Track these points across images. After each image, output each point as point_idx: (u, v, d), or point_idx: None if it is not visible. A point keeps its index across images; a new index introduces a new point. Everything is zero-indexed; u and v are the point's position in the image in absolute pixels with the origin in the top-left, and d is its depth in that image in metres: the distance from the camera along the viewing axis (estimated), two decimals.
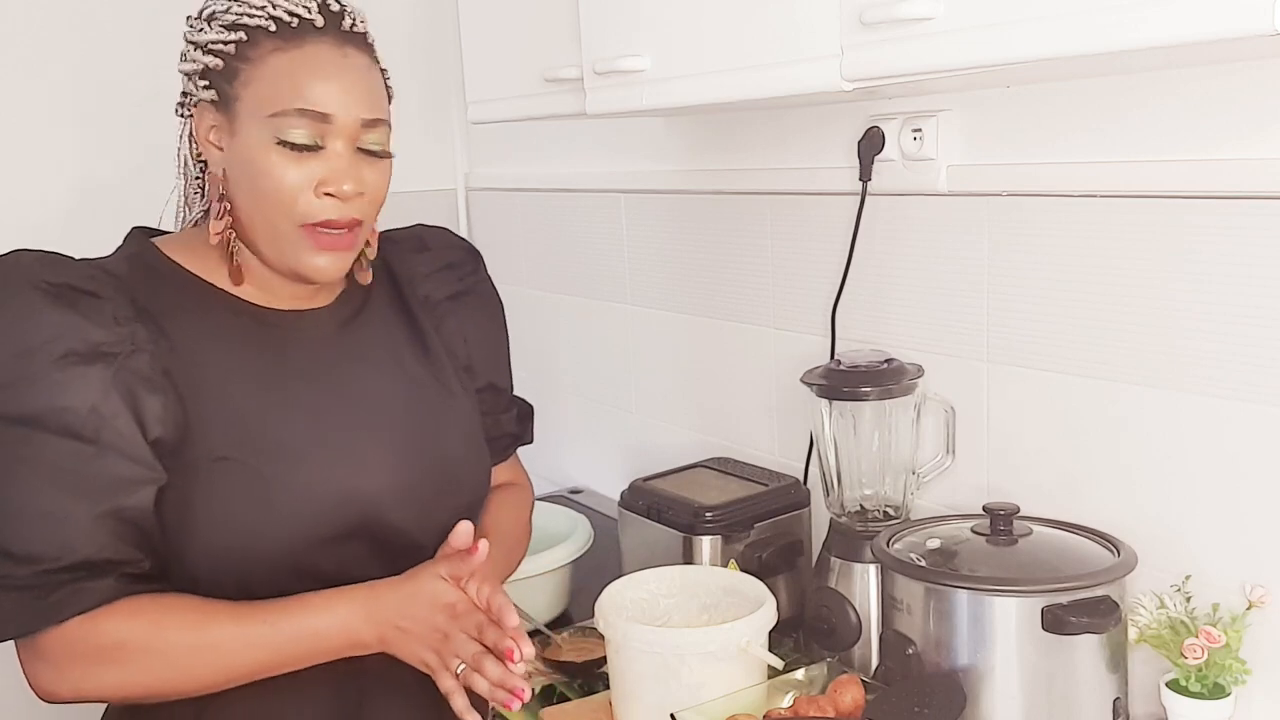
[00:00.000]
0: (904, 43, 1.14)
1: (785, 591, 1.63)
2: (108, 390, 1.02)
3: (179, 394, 1.06)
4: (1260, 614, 1.24)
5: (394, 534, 1.15)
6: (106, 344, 1.03)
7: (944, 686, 1.26)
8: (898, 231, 1.61)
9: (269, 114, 1.06)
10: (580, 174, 2.30)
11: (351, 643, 1.08)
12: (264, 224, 1.09)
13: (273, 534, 1.08)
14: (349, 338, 1.19)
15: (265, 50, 1.06)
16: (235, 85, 1.07)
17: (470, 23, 1.95)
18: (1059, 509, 1.43)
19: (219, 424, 1.07)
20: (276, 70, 1.06)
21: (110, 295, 1.06)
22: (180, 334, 1.08)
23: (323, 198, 1.08)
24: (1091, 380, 1.39)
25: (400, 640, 1.08)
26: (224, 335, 1.11)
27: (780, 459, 1.86)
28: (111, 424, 1.02)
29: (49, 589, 1.00)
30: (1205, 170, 1.25)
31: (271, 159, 1.06)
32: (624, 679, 1.38)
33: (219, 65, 1.07)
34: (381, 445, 1.16)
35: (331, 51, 1.08)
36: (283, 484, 1.08)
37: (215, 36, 1.07)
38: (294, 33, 1.07)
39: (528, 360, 2.61)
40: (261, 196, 1.07)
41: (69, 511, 1.00)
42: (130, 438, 1.03)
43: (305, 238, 1.09)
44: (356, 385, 1.17)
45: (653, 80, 1.48)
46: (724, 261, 1.95)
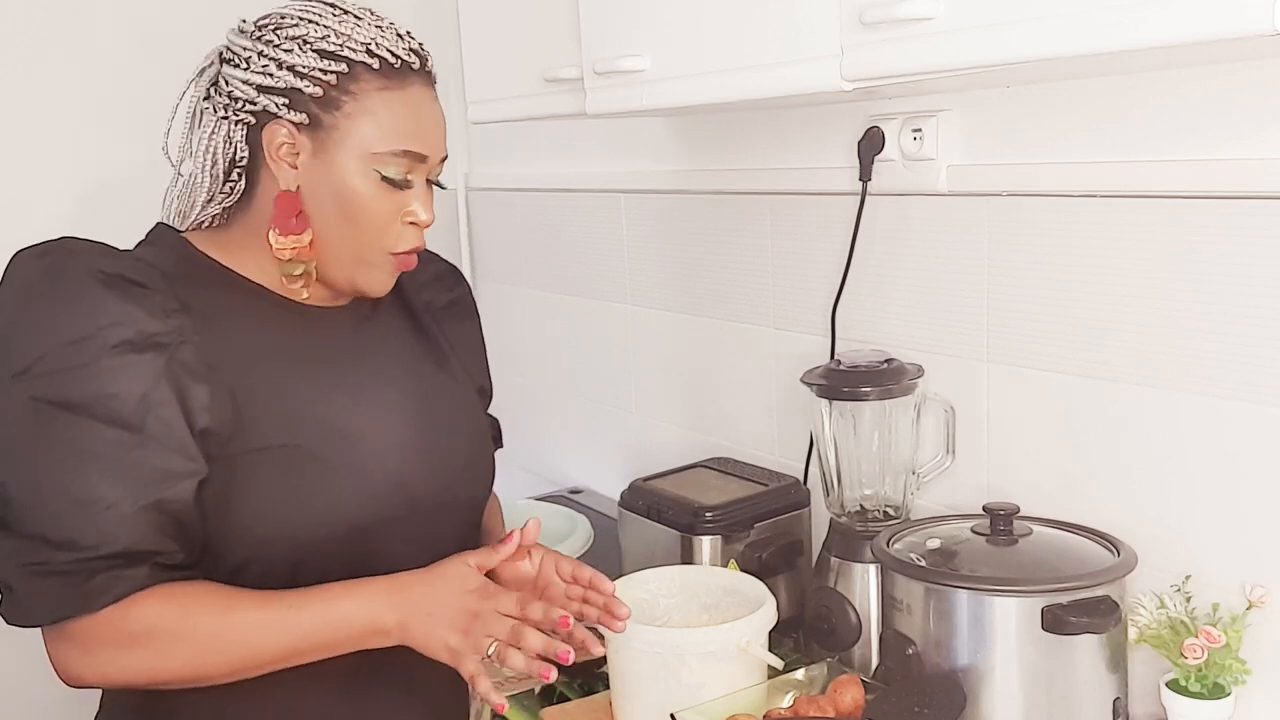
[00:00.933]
0: (904, 43, 1.14)
1: (785, 591, 1.64)
2: (158, 380, 1.04)
3: (226, 384, 1.08)
4: (1260, 614, 1.24)
5: (432, 520, 1.19)
6: (159, 334, 1.05)
7: (944, 686, 1.26)
8: (898, 231, 1.61)
9: (374, 150, 1.10)
10: (580, 174, 2.30)
11: (374, 629, 1.08)
12: (350, 248, 1.13)
13: (332, 516, 1.10)
14: (368, 335, 1.23)
15: (370, 86, 1.10)
16: (335, 115, 1.10)
17: (470, 23, 1.96)
18: (1059, 509, 1.43)
19: (271, 411, 1.10)
20: (383, 109, 1.10)
21: (158, 287, 1.07)
22: (222, 325, 1.10)
23: (407, 227, 1.14)
24: (1091, 380, 1.39)
25: (424, 626, 1.07)
26: (263, 326, 1.14)
27: (780, 459, 1.86)
28: (159, 415, 1.03)
29: (86, 576, 1.01)
30: (1205, 170, 1.25)
31: (368, 189, 1.11)
32: (624, 679, 1.38)
33: (317, 93, 1.09)
34: (411, 432, 1.19)
35: (427, 95, 1.15)
36: (342, 466, 1.12)
37: (312, 62, 1.09)
38: (396, 73, 1.11)
39: (528, 360, 2.62)
40: (353, 223, 1.12)
41: (112, 501, 1.01)
42: (177, 429, 1.04)
43: (390, 263, 1.15)
44: (384, 376, 1.21)
45: (653, 80, 1.48)
46: (724, 261, 1.95)
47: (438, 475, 1.20)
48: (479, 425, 1.31)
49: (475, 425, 1.30)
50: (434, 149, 1.15)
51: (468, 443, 1.27)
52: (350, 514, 1.12)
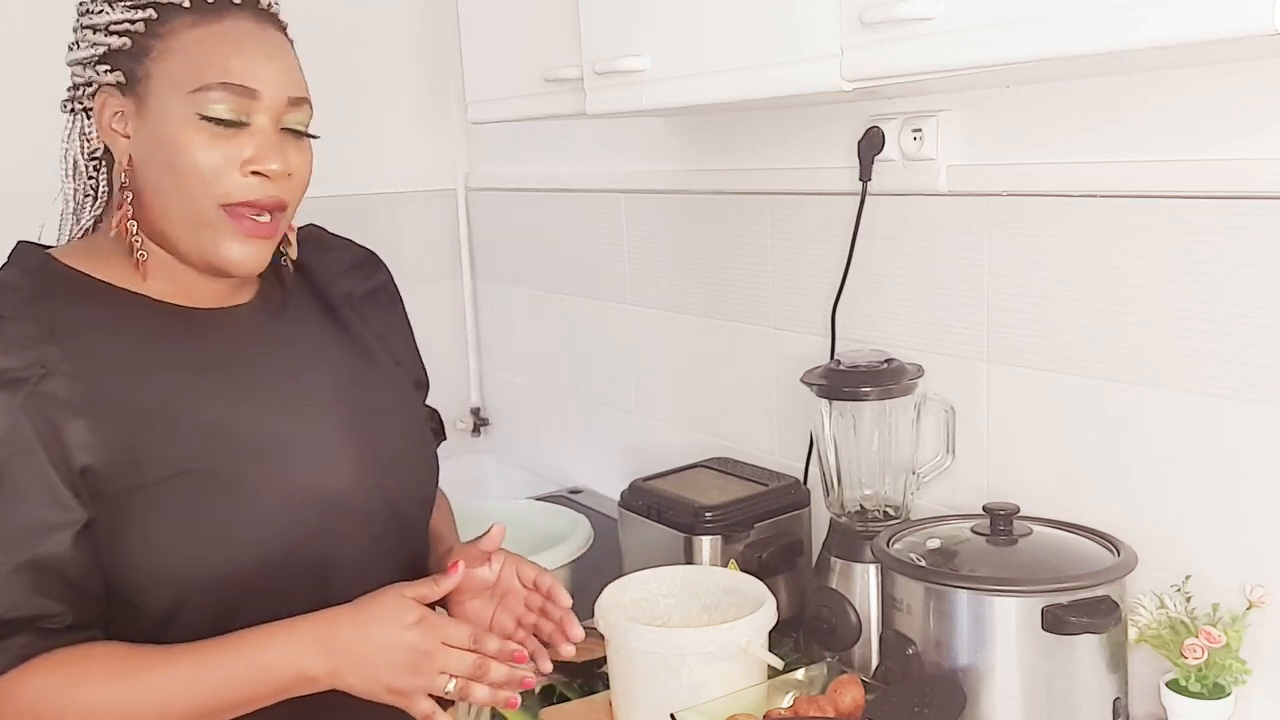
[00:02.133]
0: (904, 43, 1.14)
1: (785, 591, 1.63)
2: (16, 422, 0.93)
3: (109, 413, 0.97)
4: (1260, 614, 1.24)
5: (378, 527, 1.10)
6: (14, 369, 0.94)
7: (944, 686, 1.26)
8: (898, 231, 1.61)
9: (190, 89, 0.99)
10: (580, 174, 2.30)
11: (299, 678, 0.98)
12: (181, 208, 1.01)
13: (257, 543, 1.01)
14: (280, 332, 1.13)
15: (180, 25, 1.01)
16: (146, 63, 1.00)
17: (470, 23, 1.95)
18: (1059, 509, 1.43)
19: (168, 435, 0.99)
20: (196, 44, 1.00)
21: (13, 314, 0.96)
22: (99, 348, 0.99)
23: (248, 176, 1.02)
24: (1091, 380, 1.39)
25: (360, 670, 0.98)
26: (148, 341, 1.03)
27: (780, 459, 1.86)
28: (20, 462, 0.93)
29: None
30: (1205, 170, 1.25)
31: (192, 136, 1.00)
32: (624, 679, 1.38)
33: (126, 45, 1.00)
34: (339, 436, 1.10)
35: (253, 27, 1.03)
36: (257, 485, 1.02)
37: (120, 16, 1.01)
38: (210, 8, 1.02)
39: (528, 360, 2.62)
40: (180, 176, 1.00)
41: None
42: (43, 477, 0.93)
43: (227, 220, 1.02)
44: (298, 378, 1.11)
45: (653, 80, 1.48)
46: (724, 261, 1.95)
47: (372, 478, 1.10)
48: (415, 419, 1.22)
49: (410, 419, 1.21)
50: (268, 84, 1.01)
51: (404, 440, 1.17)
52: (279, 537, 1.02)
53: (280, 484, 1.03)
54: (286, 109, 1.04)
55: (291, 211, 1.08)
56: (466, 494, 1.41)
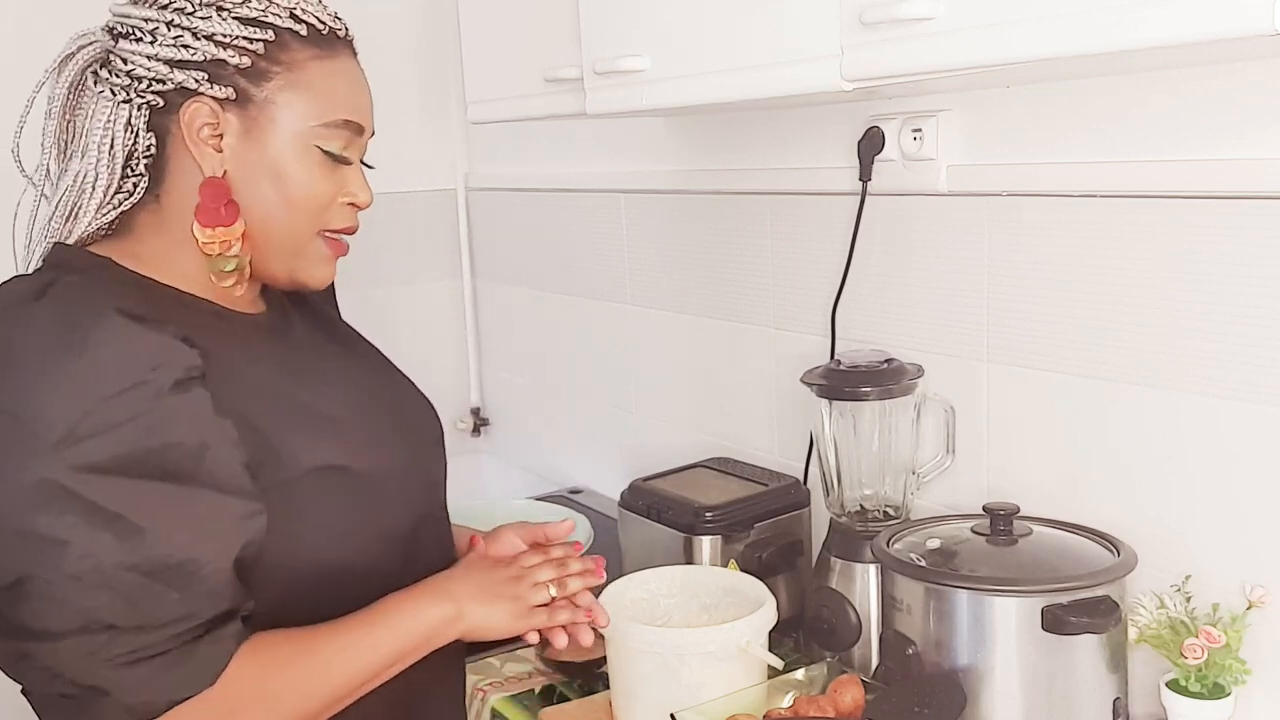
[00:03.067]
0: (904, 43, 1.14)
1: (785, 591, 1.63)
2: (210, 418, 0.94)
3: (241, 413, 0.97)
4: (1260, 614, 1.24)
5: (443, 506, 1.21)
6: (194, 366, 0.94)
7: (944, 686, 1.26)
8: (898, 231, 1.61)
9: (315, 122, 1.03)
10: (580, 174, 2.30)
11: (443, 619, 1.06)
12: (284, 231, 1.05)
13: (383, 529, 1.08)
14: (303, 336, 1.16)
15: (302, 56, 1.02)
16: (266, 87, 1.01)
17: (470, 23, 1.96)
18: (1059, 509, 1.43)
19: (290, 432, 1.01)
20: (319, 79, 1.03)
21: (155, 317, 0.94)
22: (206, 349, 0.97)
23: (346, 208, 1.08)
24: (1091, 380, 1.39)
25: (479, 605, 1.08)
26: (233, 342, 1.03)
27: (780, 459, 1.86)
28: (219, 457, 0.94)
29: (189, 649, 0.92)
30: (1205, 170, 1.25)
31: (307, 166, 1.03)
32: (624, 679, 1.38)
33: (244, 63, 1.00)
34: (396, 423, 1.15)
35: (355, 64, 1.09)
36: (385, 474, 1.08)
37: (234, 30, 1.00)
38: (325, 41, 1.04)
39: (528, 360, 2.62)
40: (294, 207, 1.04)
41: (205, 560, 0.92)
42: (236, 468, 0.95)
43: (324, 246, 1.08)
44: (350, 374, 1.16)
45: (653, 80, 1.48)
46: (724, 261, 1.95)
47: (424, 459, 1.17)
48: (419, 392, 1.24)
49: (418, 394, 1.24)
50: (369, 121, 1.09)
51: (433, 424, 1.22)
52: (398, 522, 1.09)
53: (401, 473, 1.10)
54: (367, 142, 1.11)
55: None
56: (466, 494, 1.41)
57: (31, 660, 0.90)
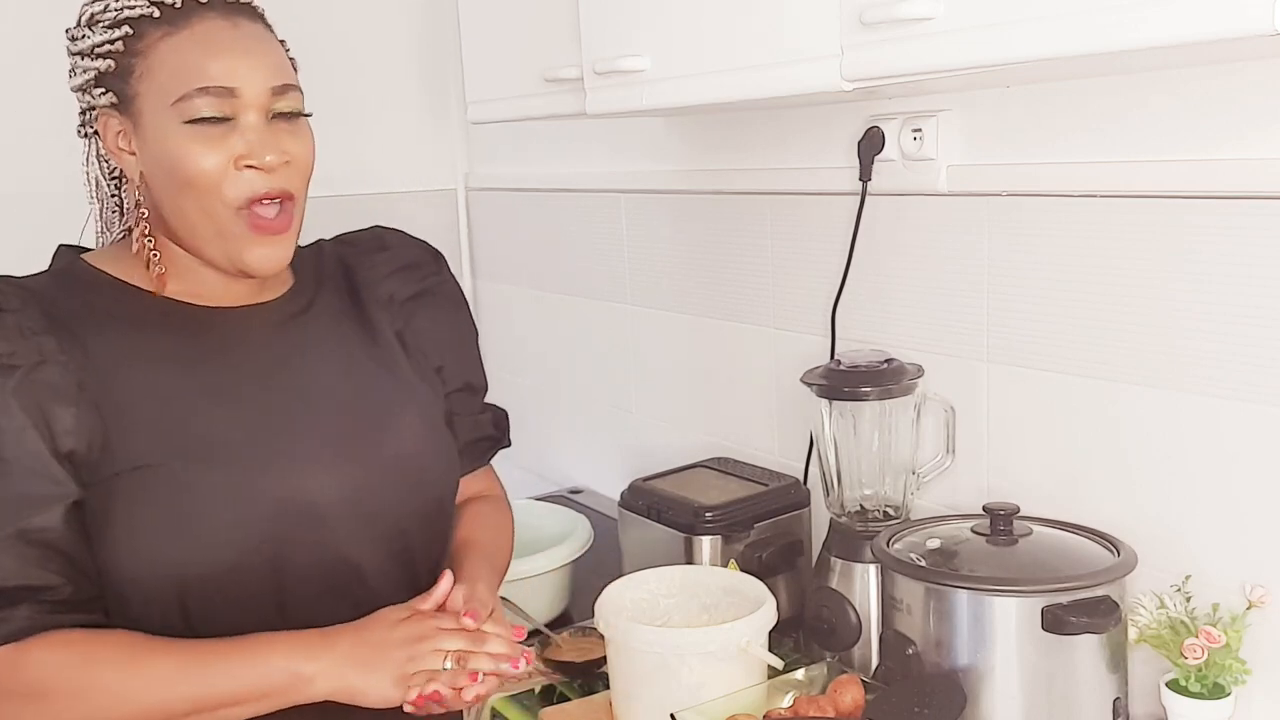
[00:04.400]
0: (904, 43, 1.14)
1: (785, 591, 1.63)
2: (7, 403, 0.97)
3: (95, 404, 1.00)
4: (1260, 614, 1.24)
5: (342, 543, 1.08)
6: (8, 355, 0.98)
7: (944, 686, 1.26)
8: (898, 231, 1.61)
9: (173, 100, 1.01)
10: (580, 174, 2.30)
11: (299, 679, 0.99)
12: (198, 215, 1.04)
13: (204, 544, 1.01)
14: (295, 333, 1.14)
15: (154, 39, 1.02)
16: (132, 82, 1.03)
17: (470, 23, 1.96)
18: (1059, 509, 1.43)
19: (140, 430, 1.01)
20: (170, 55, 1.02)
21: (16, 308, 1.01)
22: (100, 343, 1.03)
23: (244, 171, 1.03)
24: (1091, 380, 1.39)
25: (357, 667, 1.00)
26: (152, 339, 1.06)
27: (780, 459, 1.86)
28: (13, 439, 0.97)
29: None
30: (1205, 170, 1.25)
31: (185, 144, 1.02)
32: (624, 679, 1.38)
33: (111, 66, 1.03)
34: (327, 441, 1.09)
35: (222, 24, 1.04)
36: (209, 487, 1.01)
37: (100, 38, 1.03)
38: (179, 14, 1.03)
39: (528, 360, 2.62)
40: (185, 184, 1.03)
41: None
42: (35, 453, 0.97)
43: (243, 223, 1.04)
44: (300, 380, 1.12)
45: (653, 80, 1.48)
46: (724, 261, 1.95)
47: (358, 487, 1.09)
48: (429, 425, 1.19)
49: (423, 425, 1.18)
50: (246, 80, 1.02)
51: (412, 446, 1.15)
52: (224, 540, 1.01)
53: (235, 489, 1.03)
54: (271, 99, 1.05)
55: (300, 201, 1.09)
56: None
57: None
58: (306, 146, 1.08)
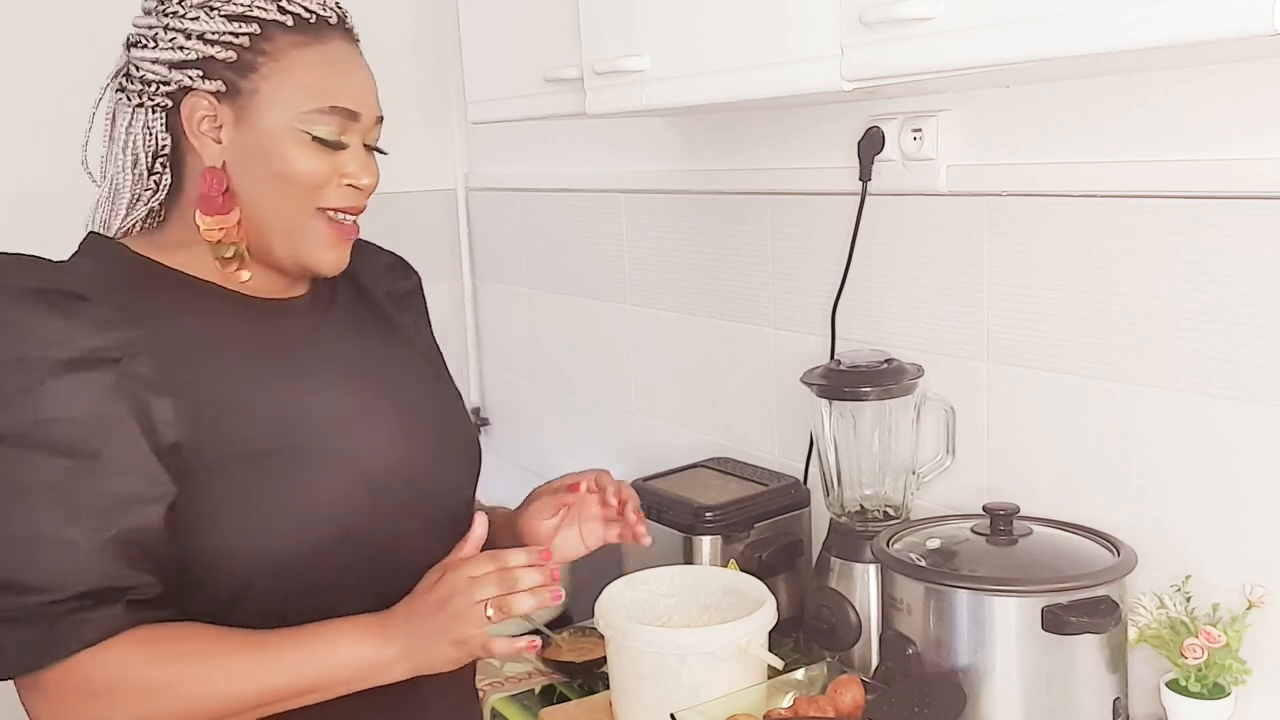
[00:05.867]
0: (904, 43, 1.14)
1: (785, 591, 1.64)
2: (110, 399, 0.97)
3: (190, 393, 1.01)
4: (1260, 614, 1.24)
5: (418, 505, 1.14)
6: (105, 349, 0.98)
7: (944, 686, 1.26)
8: (898, 231, 1.61)
9: (300, 110, 1.05)
10: (580, 174, 2.30)
11: (373, 664, 1.02)
12: (281, 214, 1.07)
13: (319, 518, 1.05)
14: (331, 325, 1.18)
15: (286, 44, 1.06)
16: (253, 78, 1.05)
17: (470, 23, 1.96)
18: (1059, 509, 1.43)
19: (246, 414, 1.04)
20: (304, 65, 1.06)
21: (100, 298, 1.00)
22: (176, 332, 1.03)
23: (344, 188, 1.09)
24: (1091, 380, 1.39)
25: (421, 645, 1.02)
26: (218, 326, 1.08)
27: (780, 459, 1.87)
28: (113, 437, 0.96)
29: (50, 621, 0.94)
30: (1205, 170, 1.25)
31: (300, 150, 1.06)
32: (624, 679, 1.38)
33: (230, 57, 1.04)
34: (397, 423, 1.14)
35: (350, 50, 1.11)
36: (323, 464, 1.06)
37: (220, 26, 1.04)
38: (312, 28, 1.07)
39: (528, 360, 2.62)
40: (285, 185, 1.06)
41: (68, 537, 0.94)
42: (136, 451, 0.97)
43: (323, 225, 1.09)
44: (354, 365, 1.16)
45: (653, 80, 1.48)
46: (724, 261, 1.95)
47: (423, 459, 1.15)
48: (457, 405, 1.26)
49: (453, 405, 1.25)
50: (365, 106, 1.10)
51: (450, 423, 1.22)
52: (344, 515, 1.06)
53: (343, 463, 1.07)
54: (373, 127, 1.12)
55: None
56: None
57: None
58: (379, 176, 1.15)
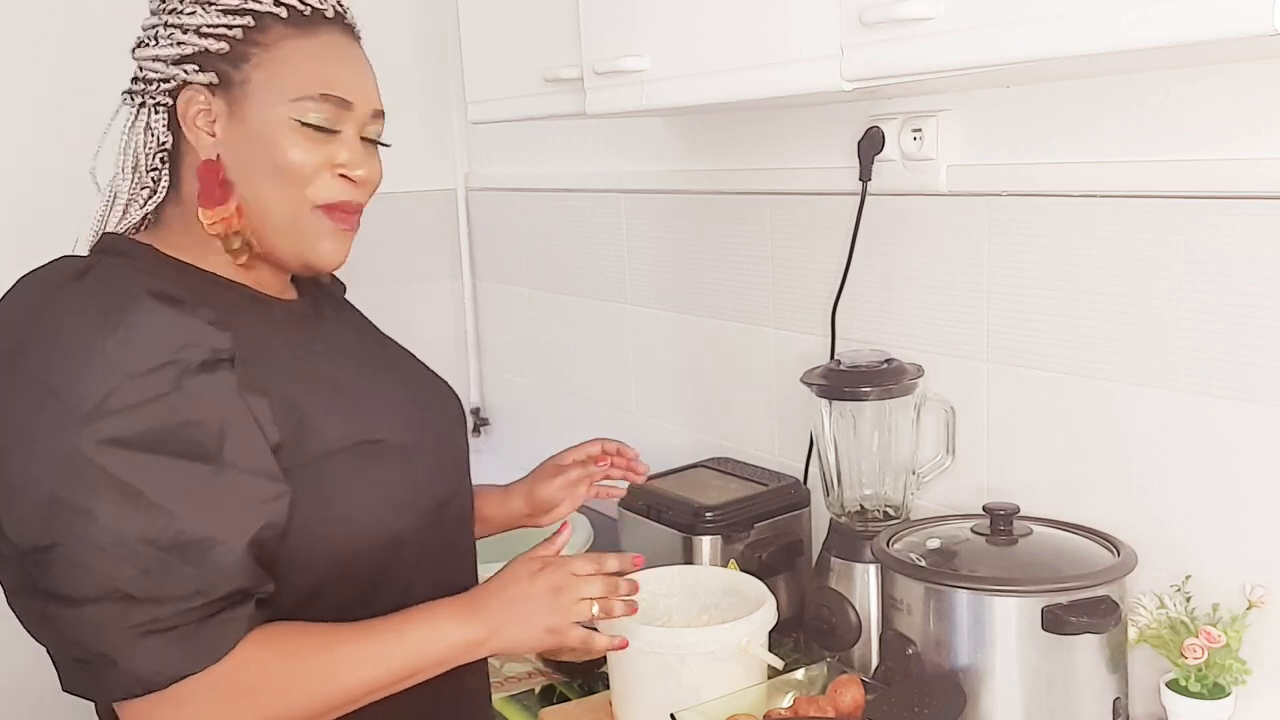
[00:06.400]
0: (904, 43, 1.14)
1: (785, 591, 1.63)
2: (235, 400, 0.97)
3: (277, 391, 1.01)
4: (1260, 614, 1.24)
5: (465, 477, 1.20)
6: (224, 350, 0.97)
7: (944, 686, 1.26)
8: (898, 231, 1.61)
9: (291, 97, 1.05)
10: (580, 174, 2.30)
11: (471, 648, 1.05)
12: (278, 206, 1.07)
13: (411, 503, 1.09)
14: (341, 322, 1.21)
15: (279, 35, 1.06)
16: (245, 69, 1.05)
17: (470, 23, 1.96)
18: (1059, 509, 1.43)
19: (330, 409, 1.05)
20: (296, 55, 1.06)
21: (192, 299, 0.99)
22: (244, 332, 1.02)
23: (337, 179, 1.08)
24: (1091, 380, 1.39)
25: (514, 625, 1.06)
26: (274, 326, 1.09)
27: (780, 459, 1.86)
28: (240, 438, 0.96)
29: (199, 624, 0.93)
30: (1205, 170, 1.25)
31: (290, 137, 1.05)
32: (624, 679, 1.38)
33: (224, 49, 1.05)
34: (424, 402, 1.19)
35: (345, 41, 1.11)
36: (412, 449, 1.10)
37: (215, 20, 1.05)
38: (307, 20, 1.07)
39: (528, 360, 2.62)
40: (278, 175, 1.06)
41: (219, 539, 0.94)
42: (261, 451, 0.98)
43: (322, 218, 1.08)
44: (378, 357, 1.20)
45: (653, 80, 1.48)
46: (724, 261, 1.95)
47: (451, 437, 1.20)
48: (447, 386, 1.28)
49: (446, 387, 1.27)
50: (359, 97, 1.09)
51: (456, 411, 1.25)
52: (422, 498, 1.10)
53: (411, 454, 1.10)
54: (370, 120, 1.12)
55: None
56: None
57: (51, 623, 0.93)
58: (380, 171, 1.15)
